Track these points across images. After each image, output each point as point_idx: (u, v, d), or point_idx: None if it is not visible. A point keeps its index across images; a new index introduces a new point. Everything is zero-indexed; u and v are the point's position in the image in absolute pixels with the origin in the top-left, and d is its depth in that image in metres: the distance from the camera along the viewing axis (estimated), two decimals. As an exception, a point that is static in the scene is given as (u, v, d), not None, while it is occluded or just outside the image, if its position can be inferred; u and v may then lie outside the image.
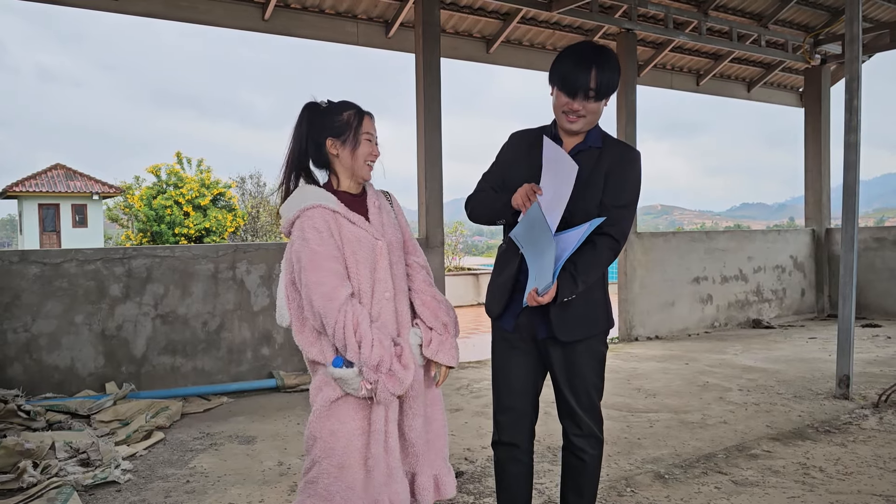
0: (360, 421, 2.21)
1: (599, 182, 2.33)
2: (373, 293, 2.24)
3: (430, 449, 2.37)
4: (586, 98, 2.29)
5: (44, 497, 3.31)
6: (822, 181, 10.23)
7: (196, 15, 6.57)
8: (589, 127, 2.37)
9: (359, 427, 2.20)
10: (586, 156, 2.36)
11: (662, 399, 5.27)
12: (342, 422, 2.19)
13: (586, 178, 2.31)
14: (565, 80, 2.29)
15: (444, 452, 2.43)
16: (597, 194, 2.32)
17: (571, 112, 2.31)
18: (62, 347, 5.14)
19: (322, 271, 2.15)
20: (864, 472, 3.64)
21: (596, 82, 2.26)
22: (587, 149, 2.38)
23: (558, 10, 7.35)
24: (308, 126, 2.30)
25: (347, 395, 2.19)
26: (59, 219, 32.68)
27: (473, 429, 4.53)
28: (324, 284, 2.14)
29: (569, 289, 2.26)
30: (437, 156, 6.68)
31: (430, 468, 2.35)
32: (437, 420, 2.42)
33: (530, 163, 2.38)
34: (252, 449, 4.20)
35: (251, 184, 29.20)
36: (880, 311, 9.54)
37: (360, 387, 2.15)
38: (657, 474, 3.66)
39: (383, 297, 2.25)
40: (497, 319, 2.49)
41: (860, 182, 5.22)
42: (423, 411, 2.33)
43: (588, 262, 2.29)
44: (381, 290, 2.25)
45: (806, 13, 9.50)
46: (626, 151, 2.40)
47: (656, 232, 9.20)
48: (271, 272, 5.90)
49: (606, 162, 2.35)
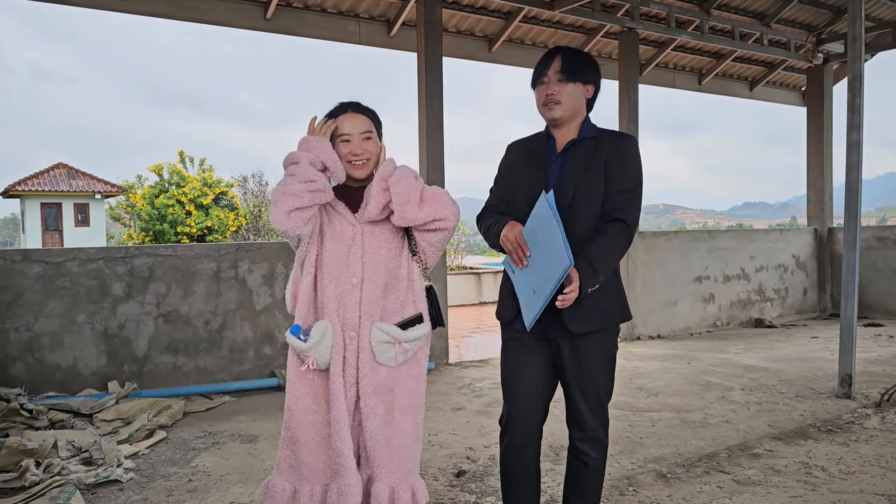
0: (314, 397, 2.32)
1: (598, 170, 2.36)
2: (338, 275, 2.31)
3: (391, 458, 2.29)
4: (558, 81, 2.39)
5: (46, 496, 3.31)
6: (824, 180, 10.21)
7: (199, 14, 6.58)
8: (569, 114, 2.42)
9: (314, 404, 2.31)
10: (581, 146, 2.42)
11: (664, 398, 5.27)
12: (299, 396, 2.32)
13: (585, 166, 2.37)
14: (537, 70, 2.45)
15: (406, 466, 2.32)
16: (597, 181, 2.35)
17: (548, 98, 2.40)
18: (64, 346, 5.14)
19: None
20: (867, 471, 3.64)
21: (562, 64, 2.39)
22: (581, 139, 2.42)
23: (560, 9, 7.34)
24: None
25: (309, 371, 2.30)
26: (62, 218, 32.74)
27: (475, 428, 4.53)
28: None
29: (591, 280, 2.27)
30: (438, 155, 6.68)
31: (388, 478, 2.28)
32: (405, 431, 2.34)
33: (530, 167, 2.46)
34: (254, 448, 4.20)
35: (253, 183, 29.24)
36: (882, 311, 9.53)
37: (308, 361, 2.27)
38: (659, 473, 3.66)
39: (350, 281, 2.30)
40: (509, 324, 2.50)
41: (862, 181, 5.21)
42: (382, 412, 2.29)
43: (603, 250, 2.31)
44: (348, 275, 2.31)
45: (808, 12, 9.49)
46: (623, 138, 2.45)
47: (658, 231, 9.20)
48: (273, 271, 5.90)
49: (604, 150, 2.39)
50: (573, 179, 2.36)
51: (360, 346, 2.29)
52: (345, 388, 2.28)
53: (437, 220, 2.31)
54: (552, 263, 2.19)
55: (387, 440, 2.29)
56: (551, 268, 2.19)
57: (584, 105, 2.46)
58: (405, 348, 2.31)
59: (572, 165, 2.39)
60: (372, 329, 2.28)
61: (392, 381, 2.32)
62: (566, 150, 2.43)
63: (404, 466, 2.31)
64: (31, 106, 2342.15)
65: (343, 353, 2.28)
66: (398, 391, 2.33)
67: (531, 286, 2.29)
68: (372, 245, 2.33)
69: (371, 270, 2.31)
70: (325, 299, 2.31)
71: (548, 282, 2.21)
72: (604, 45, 9.13)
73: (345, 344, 2.29)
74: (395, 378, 2.33)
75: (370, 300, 2.30)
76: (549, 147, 2.49)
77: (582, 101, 2.44)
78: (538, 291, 2.25)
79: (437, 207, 2.30)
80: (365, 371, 2.28)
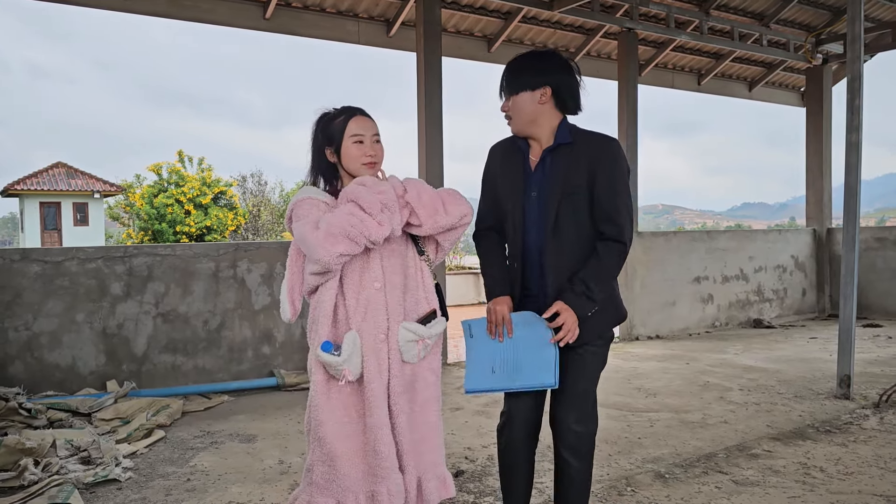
0: (345, 409, 2.30)
1: (579, 177, 2.33)
2: (361, 281, 2.30)
3: (416, 451, 2.34)
4: (506, 97, 2.43)
5: (45, 495, 3.31)
6: (823, 181, 10.21)
7: (199, 14, 6.58)
8: (525, 125, 2.42)
9: (345, 416, 2.29)
10: (557, 154, 2.38)
11: (663, 399, 5.27)
12: (330, 410, 2.28)
13: (566, 175, 2.34)
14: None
15: (431, 457, 2.39)
16: (581, 189, 2.34)
17: (505, 115, 2.46)
18: (63, 346, 5.14)
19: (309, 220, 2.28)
20: (865, 472, 3.64)
21: (502, 80, 2.44)
22: (557, 147, 2.39)
23: (559, 9, 7.34)
24: (314, 137, 2.42)
25: (338, 384, 2.28)
26: (61, 217, 32.71)
27: (474, 428, 4.54)
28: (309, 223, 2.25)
29: (589, 307, 2.32)
30: (438, 155, 6.67)
31: (415, 469, 2.33)
32: (429, 423, 2.39)
33: (510, 174, 2.46)
34: (253, 447, 4.20)
35: (252, 182, 29.24)
36: (881, 311, 9.53)
37: (342, 375, 2.24)
38: (657, 474, 3.66)
39: (372, 286, 2.30)
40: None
41: (861, 182, 5.22)
42: (408, 409, 2.33)
43: (599, 275, 2.32)
44: (370, 280, 2.31)
45: (807, 13, 9.49)
46: (605, 143, 2.38)
47: (657, 231, 9.20)
48: (272, 271, 5.90)
49: (584, 156, 2.35)
50: (555, 192, 2.35)
51: (390, 348, 2.31)
52: (383, 392, 2.29)
53: (464, 218, 2.36)
54: (532, 369, 2.31)
55: (411, 434, 2.33)
56: (529, 372, 2.32)
57: (546, 110, 2.38)
58: (427, 344, 2.35)
59: (552, 176, 2.37)
60: (399, 330, 2.31)
61: (413, 377, 2.36)
62: (543, 159, 2.41)
63: (430, 457, 2.37)
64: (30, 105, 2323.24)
65: (377, 359, 2.29)
66: (419, 386, 2.38)
67: (492, 364, 2.37)
68: (386, 249, 2.35)
69: (390, 273, 2.34)
70: (350, 309, 2.31)
71: (516, 380, 2.32)
72: (603, 45, 9.13)
73: (377, 349, 2.29)
74: (417, 373, 2.37)
75: (394, 303, 2.32)
76: (527, 154, 2.48)
77: (537, 109, 2.37)
78: (500, 375, 2.35)
79: (460, 207, 2.35)
80: (395, 372, 2.31)
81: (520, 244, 2.44)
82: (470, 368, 2.43)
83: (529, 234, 2.42)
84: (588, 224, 2.36)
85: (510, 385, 2.36)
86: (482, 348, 2.42)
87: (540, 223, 2.38)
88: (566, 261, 2.35)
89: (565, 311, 2.29)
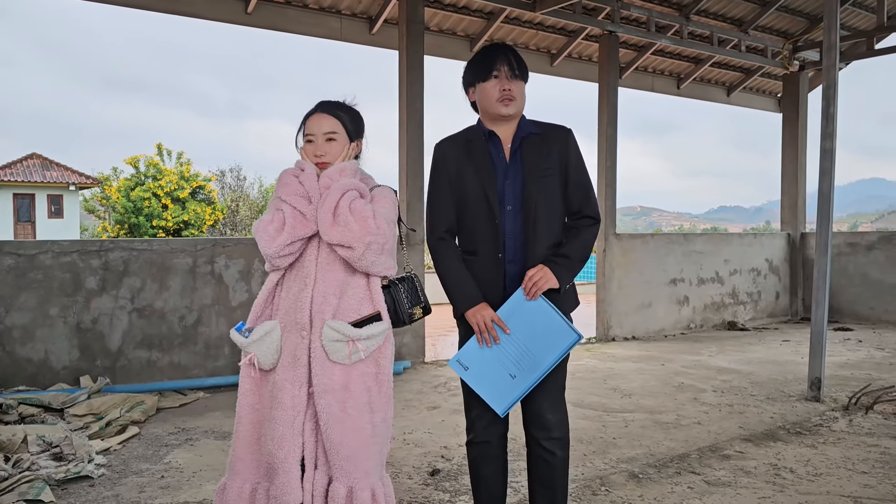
0: (257, 396, 2.39)
1: (550, 161, 2.45)
2: (295, 275, 2.38)
3: (348, 458, 2.25)
4: (514, 76, 2.44)
5: (15, 491, 3.27)
6: (798, 186, 10.37)
7: (179, 7, 6.52)
8: (519, 111, 2.49)
9: (257, 402, 2.38)
10: (529, 143, 2.48)
11: (638, 399, 5.32)
12: (243, 393, 2.41)
13: (541, 166, 2.45)
14: (491, 65, 2.45)
15: (365, 466, 2.26)
16: (555, 180, 2.46)
17: (504, 94, 2.44)
18: (36, 340, 5.07)
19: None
20: (834, 473, 3.71)
21: (515, 62, 2.45)
22: (528, 135, 2.49)
23: (542, 10, 7.38)
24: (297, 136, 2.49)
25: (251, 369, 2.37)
26: (35, 209, 32.19)
27: (450, 427, 4.55)
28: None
29: (569, 279, 2.43)
30: (419, 153, 6.67)
31: (345, 478, 2.24)
32: (363, 430, 2.28)
33: (478, 168, 2.46)
34: (228, 444, 4.17)
35: (231, 177, 29.00)
36: (852, 316, 9.70)
37: (249, 359, 2.34)
38: (631, 474, 3.70)
39: (303, 281, 2.34)
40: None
41: (835, 187, 5.31)
42: (336, 411, 2.25)
43: (579, 250, 2.46)
44: (303, 275, 2.35)
45: (785, 20, 9.63)
46: (567, 132, 2.54)
47: (635, 233, 9.28)
48: (250, 267, 5.87)
49: (555, 146, 2.48)
50: (532, 175, 2.43)
51: (311, 345, 2.28)
52: (293, 388, 2.27)
53: (342, 247, 2.26)
54: (549, 343, 2.34)
55: (343, 440, 2.25)
56: (548, 347, 2.34)
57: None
58: (360, 347, 2.27)
59: (528, 161, 2.45)
60: (323, 328, 2.27)
61: (346, 379, 2.28)
62: (515, 150, 2.47)
63: (364, 467, 2.26)
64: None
65: (294, 353, 2.29)
66: (354, 389, 2.28)
67: (507, 372, 2.37)
68: (326, 246, 2.32)
69: (325, 269, 2.31)
70: (282, 301, 2.37)
71: (542, 363, 2.35)
72: (584, 47, 9.18)
73: (294, 343, 2.30)
74: (350, 376, 2.28)
75: (321, 299, 2.29)
76: (493, 145, 2.48)
77: (525, 100, 2.53)
78: (522, 375, 2.36)
79: (347, 233, 2.24)
80: (317, 370, 2.26)
81: (499, 229, 2.44)
82: (490, 397, 2.39)
83: (507, 216, 2.45)
84: (559, 203, 2.49)
85: (541, 372, 2.35)
86: (486, 369, 2.39)
87: (517, 204, 2.44)
88: (543, 237, 2.44)
89: (540, 270, 2.38)
